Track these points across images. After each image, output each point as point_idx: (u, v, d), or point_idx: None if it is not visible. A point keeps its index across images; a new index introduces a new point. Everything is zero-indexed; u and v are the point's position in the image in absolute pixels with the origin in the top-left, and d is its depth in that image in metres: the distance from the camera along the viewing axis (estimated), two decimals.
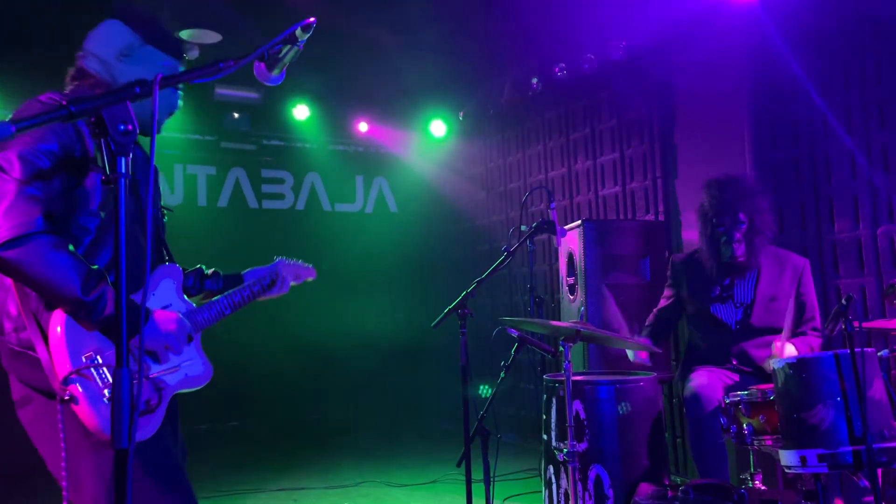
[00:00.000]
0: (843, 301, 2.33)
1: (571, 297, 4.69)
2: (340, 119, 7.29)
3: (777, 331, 3.52)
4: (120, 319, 1.17)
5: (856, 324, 2.28)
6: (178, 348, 1.91)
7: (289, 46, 1.51)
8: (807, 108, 4.29)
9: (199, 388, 1.99)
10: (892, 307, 2.77)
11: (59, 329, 1.69)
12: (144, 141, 1.92)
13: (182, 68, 2.07)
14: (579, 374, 3.75)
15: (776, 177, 4.42)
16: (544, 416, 3.33)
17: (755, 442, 2.85)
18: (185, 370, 1.95)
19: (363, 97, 6.92)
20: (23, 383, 1.79)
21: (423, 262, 7.77)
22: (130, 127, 1.16)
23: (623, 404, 3.11)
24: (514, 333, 3.24)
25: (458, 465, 3.30)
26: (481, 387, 3.65)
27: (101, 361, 1.72)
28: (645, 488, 2.95)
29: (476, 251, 7.19)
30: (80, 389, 1.65)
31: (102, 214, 1.83)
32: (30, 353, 1.73)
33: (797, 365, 2.56)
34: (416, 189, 7.87)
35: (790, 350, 3.26)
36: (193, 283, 2.32)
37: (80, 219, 1.79)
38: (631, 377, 3.28)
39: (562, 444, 3.07)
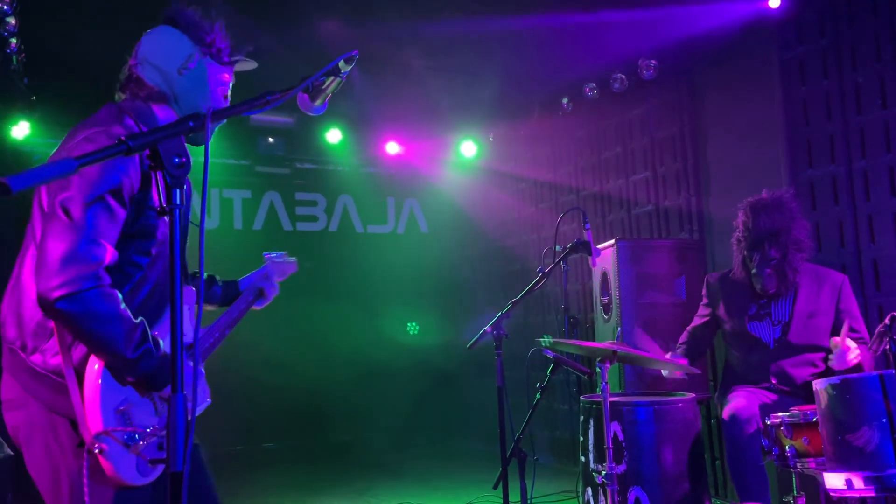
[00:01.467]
0: (888, 321, 2.29)
1: (606, 317, 4.67)
2: (372, 142, 7.38)
3: (817, 349, 3.46)
4: (175, 349, 1.20)
5: None
6: (195, 392, 1.94)
7: (332, 78, 1.55)
8: (842, 124, 4.24)
9: (201, 411, 2.04)
10: None
11: (95, 378, 1.71)
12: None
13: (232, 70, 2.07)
14: (616, 395, 3.72)
15: (813, 194, 4.37)
16: (581, 438, 3.31)
17: (798, 464, 2.80)
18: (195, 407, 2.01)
19: (394, 119, 7.00)
20: (28, 393, 1.77)
21: (454, 282, 7.79)
22: (185, 160, 1.20)
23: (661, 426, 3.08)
24: (550, 354, 3.24)
25: (495, 488, 3.29)
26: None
27: (131, 419, 1.75)
28: None
29: (507, 271, 7.19)
30: (109, 446, 1.68)
31: (154, 252, 1.84)
32: (54, 377, 1.74)
33: (841, 386, 2.52)
34: (447, 210, 7.91)
35: (852, 345, 3.19)
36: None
37: (134, 256, 1.80)
38: (669, 398, 3.25)
39: (600, 466, 3.04)
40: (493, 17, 4.93)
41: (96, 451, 1.65)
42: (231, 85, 2.07)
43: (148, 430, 1.77)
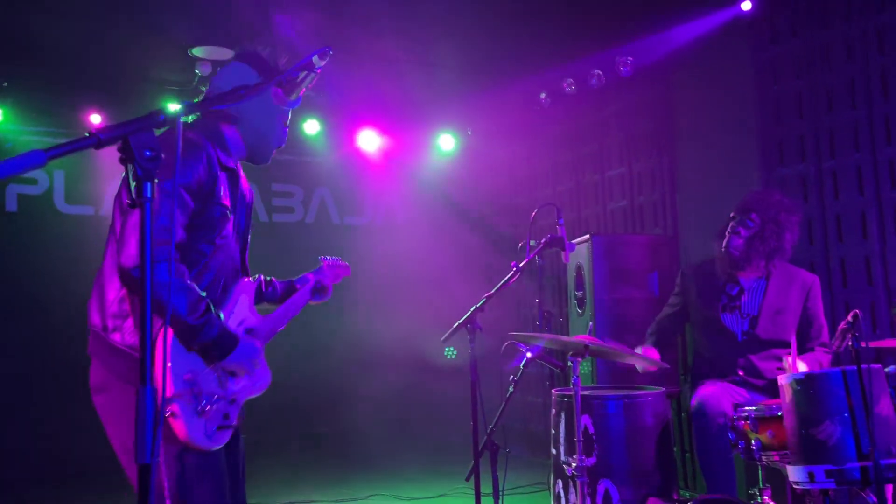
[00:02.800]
0: (850, 318, 2.35)
1: (580, 311, 4.71)
2: (350, 133, 7.36)
3: (783, 344, 3.54)
4: (143, 339, 1.21)
5: (862, 343, 2.30)
6: (253, 371, 2.15)
7: (305, 73, 1.55)
8: (813, 123, 4.32)
9: (260, 393, 2.23)
10: None
11: (166, 342, 1.91)
12: (248, 169, 2.30)
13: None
14: (588, 388, 3.76)
15: (784, 193, 4.44)
16: (553, 431, 3.35)
17: (763, 457, 2.87)
18: (253, 382, 2.18)
19: (372, 111, 6.98)
20: (112, 374, 1.96)
21: (430, 274, 7.80)
22: (156, 153, 1.20)
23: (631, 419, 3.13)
24: (524, 348, 3.27)
25: (467, 480, 3.32)
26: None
27: (198, 384, 1.96)
28: (654, 503, 2.96)
29: (484, 264, 7.22)
30: (179, 409, 1.89)
31: (217, 242, 2.09)
32: (133, 353, 1.94)
33: (805, 381, 2.58)
34: (425, 202, 7.92)
35: (801, 367, 3.28)
36: (257, 294, 2.51)
37: (199, 245, 2.05)
38: (639, 392, 3.30)
39: (571, 459, 3.08)
40: (475, 8, 4.94)
41: (168, 414, 1.86)
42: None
43: (214, 398, 1.98)
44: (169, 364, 1.90)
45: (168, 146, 1.96)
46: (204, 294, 1.98)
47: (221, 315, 2.06)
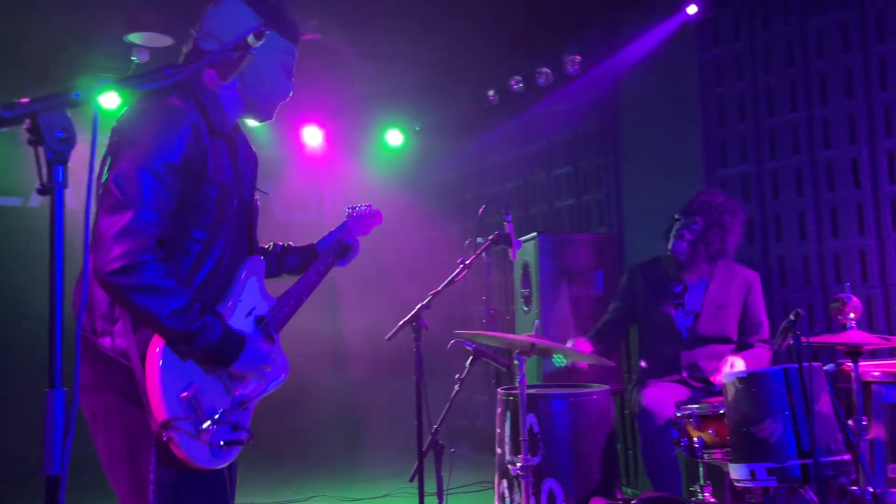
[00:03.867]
0: (792, 316, 2.37)
1: (526, 309, 4.70)
2: (294, 127, 7.20)
3: (724, 340, 3.58)
4: (53, 340, 1.10)
5: (804, 339, 2.32)
6: (265, 373, 1.91)
7: (240, 53, 1.46)
8: (754, 125, 4.39)
9: (279, 386, 2.00)
10: (837, 322, 2.83)
11: (156, 363, 1.66)
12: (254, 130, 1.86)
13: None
14: (533, 386, 3.74)
15: (726, 192, 4.50)
16: (498, 430, 3.31)
17: (705, 455, 2.88)
18: (269, 383, 1.96)
19: (317, 105, 6.84)
20: (100, 379, 1.73)
21: (377, 271, 7.70)
22: (68, 134, 1.10)
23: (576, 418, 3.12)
24: (470, 346, 3.22)
25: (411, 480, 3.26)
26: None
27: (199, 402, 1.72)
28: (597, 502, 2.95)
29: (431, 261, 7.16)
30: (178, 433, 1.65)
31: (212, 225, 1.81)
32: (122, 360, 1.70)
33: (747, 379, 2.60)
34: (371, 198, 7.73)
35: (739, 365, 3.32)
36: (271, 268, 2.27)
37: (193, 230, 1.77)
38: (584, 390, 3.29)
39: (516, 459, 3.05)
40: (423, 2, 4.87)
41: (165, 439, 1.62)
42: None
43: (217, 414, 1.73)
44: (161, 376, 1.65)
45: (141, 117, 1.72)
46: (196, 293, 1.73)
47: (222, 316, 1.79)
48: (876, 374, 2.87)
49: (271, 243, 2.34)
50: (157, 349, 1.68)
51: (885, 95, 3.83)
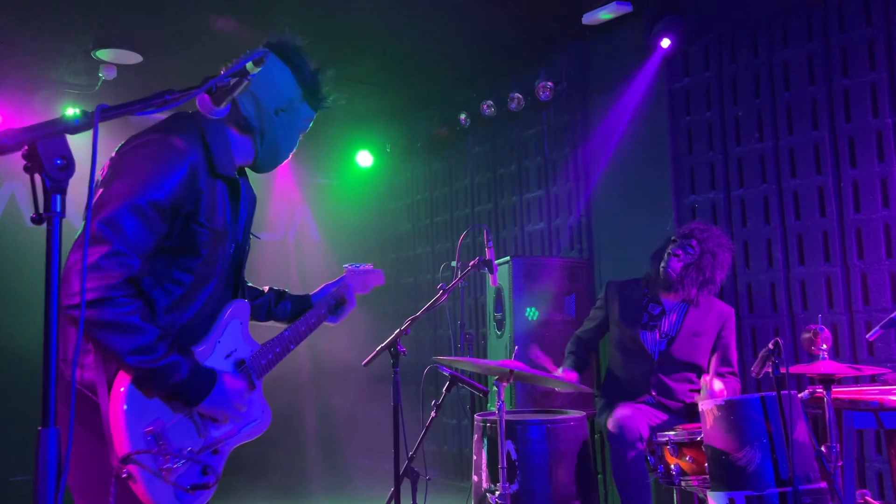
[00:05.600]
0: (771, 345, 2.41)
1: (499, 333, 4.69)
2: None
3: (695, 367, 3.63)
4: (48, 377, 1.06)
5: (782, 369, 2.36)
6: (239, 414, 1.84)
7: (238, 79, 1.44)
8: (723, 153, 4.48)
9: (256, 437, 1.93)
10: (807, 352, 2.89)
11: (121, 395, 1.62)
12: (253, 178, 2.00)
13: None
14: (510, 412, 3.73)
15: (694, 219, 4.58)
16: (475, 457, 3.28)
17: (682, 482, 2.89)
18: (244, 426, 1.88)
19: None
20: (66, 411, 1.64)
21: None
22: (67, 162, 1.06)
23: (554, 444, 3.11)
24: (447, 372, 3.20)
25: None
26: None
27: (165, 440, 1.66)
28: None
29: (400, 283, 7.12)
30: (139, 470, 1.59)
31: (198, 270, 1.78)
32: (87, 393, 1.65)
33: (725, 407, 2.62)
34: (341, 219, 7.75)
35: (718, 385, 3.36)
36: (261, 312, 2.23)
37: (175, 272, 1.74)
38: (561, 416, 3.28)
39: (494, 486, 3.02)
40: (395, 25, 4.88)
41: (124, 475, 1.56)
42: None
43: (185, 452, 1.67)
44: (125, 410, 1.60)
45: (140, 151, 1.70)
46: (163, 331, 1.68)
47: (193, 353, 1.76)
48: (846, 400, 2.93)
49: (267, 287, 2.32)
50: (123, 384, 1.63)
51: (849, 126, 3.95)
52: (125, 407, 1.61)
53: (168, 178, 1.67)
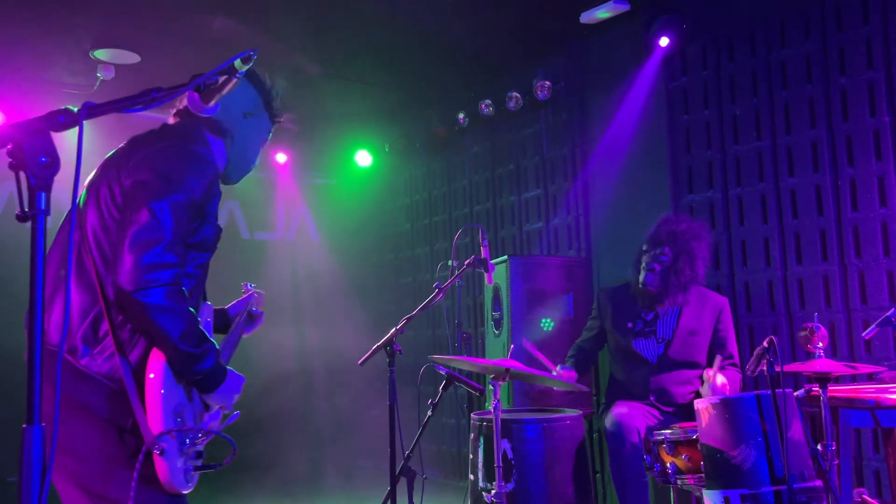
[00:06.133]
0: (766, 343, 2.40)
1: (497, 332, 4.69)
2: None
3: (695, 365, 3.62)
4: (32, 373, 1.06)
5: (778, 367, 2.36)
6: (231, 406, 2.00)
7: (226, 77, 1.44)
8: (720, 152, 4.48)
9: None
10: (804, 349, 2.88)
11: (158, 379, 1.74)
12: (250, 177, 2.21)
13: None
14: (505, 411, 3.72)
15: (689, 217, 4.57)
16: (471, 456, 3.28)
17: (678, 481, 2.89)
18: (228, 416, 2.04)
19: (286, 124, 6.79)
20: (75, 403, 1.74)
21: (344, 292, 7.64)
22: (51, 160, 1.06)
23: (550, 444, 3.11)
24: (443, 371, 3.20)
25: None
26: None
27: (185, 419, 1.80)
28: None
29: (399, 283, 7.13)
30: (168, 446, 1.71)
31: (205, 265, 1.95)
32: (105, 381, 1.75)
33: (720, 405, 2.62)
34: (340, 219, 7.76)
35: (721, 380, 3.35)
36: None
37: (190, 268, 1.88)
38: (557, 415, 3.28)
39: (490, 485, 3.02)
40: (393, 24, 4.88)
41: (157, 451, 1.68)
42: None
43: (199, 434, 1.82)
44: (162, 391, 1.73)
45: (173, 156, 1.84)
46: (199, 320, 1.84)
47: (216, 343, 1.89)
48: (842, 398, 2.93)
49: None
50: (154, 369, 1.75)
51: (846, 125, 3.94)
52: (163, 389, 1.74)
53: (202, 180, 1.84)
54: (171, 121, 2.06)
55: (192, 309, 1.79)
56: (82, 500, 1.77)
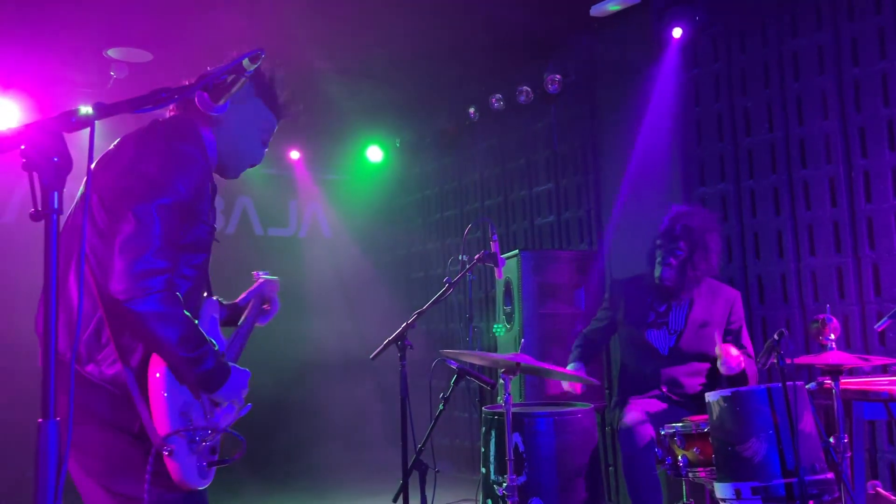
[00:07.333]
0: (776, 335, 2.40)
1: (508, 326, 4.70)
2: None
3: (706, 358, 3.61)
4: (47, 368, 1.08)
5: (787, 360, 2.35)
6: (241, 400, 2.00)
7: (234, 76, 1.45)
8: (732, 144, 4.45)
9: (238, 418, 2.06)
10: (817, 343, 2.87)
11: (161, 380, 1.74)
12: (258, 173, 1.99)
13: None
14: (517, 405, 3.73)
15: (700, 208, 4.55)
16: (483, 449, 3.30)
17: (690, 474, 2.89)
18: (239, 410, 2.04)
19: (298, 120, 6.81)
20: (84, 411, 1.74)
21: (356, 288, 7.67)
22: (62, 160, 1.08)
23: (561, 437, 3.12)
24: (454, 365, 3.21)
25: (395, 501, 3.23)
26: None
27: (192, 418, 1.80)
28: None
29: (410, 278, 7.15)
30: (177, 446, 1.72)
31: (200, 265, 1.91)
32: (111, 388, 1.75)
33: (731, 398, 2.62)
34: (351, 214, 7.79)
35: (734, 351, 3.35)
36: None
37: (184, 269, 1.86)
38: (569, 409, 3.29)
39: (501, 478, 3.04)
40: (402, 18, 4.89)
41: (165, 452, 1.69)
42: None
43: (208, 431, 1.82)
44: (166, 394, 1.73)
45: (159, 157, 1.80)
46: (196, 322, 1.82)
47: (216, 344, 1.88)
48: (855, 391, 2.91)
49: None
50: (160, 370, 1.75)
51: (859, 117, 3.91)
52: (167, 390, 1.74)
53: (190, 181, 1.80)
54: (168, 114, 2.00)
55: (187, 312, 1.77)
56: (105, 498, 1.79)
